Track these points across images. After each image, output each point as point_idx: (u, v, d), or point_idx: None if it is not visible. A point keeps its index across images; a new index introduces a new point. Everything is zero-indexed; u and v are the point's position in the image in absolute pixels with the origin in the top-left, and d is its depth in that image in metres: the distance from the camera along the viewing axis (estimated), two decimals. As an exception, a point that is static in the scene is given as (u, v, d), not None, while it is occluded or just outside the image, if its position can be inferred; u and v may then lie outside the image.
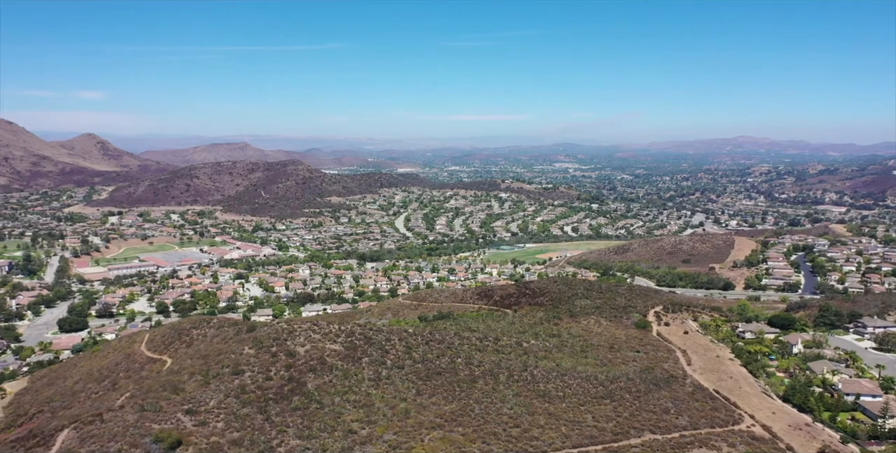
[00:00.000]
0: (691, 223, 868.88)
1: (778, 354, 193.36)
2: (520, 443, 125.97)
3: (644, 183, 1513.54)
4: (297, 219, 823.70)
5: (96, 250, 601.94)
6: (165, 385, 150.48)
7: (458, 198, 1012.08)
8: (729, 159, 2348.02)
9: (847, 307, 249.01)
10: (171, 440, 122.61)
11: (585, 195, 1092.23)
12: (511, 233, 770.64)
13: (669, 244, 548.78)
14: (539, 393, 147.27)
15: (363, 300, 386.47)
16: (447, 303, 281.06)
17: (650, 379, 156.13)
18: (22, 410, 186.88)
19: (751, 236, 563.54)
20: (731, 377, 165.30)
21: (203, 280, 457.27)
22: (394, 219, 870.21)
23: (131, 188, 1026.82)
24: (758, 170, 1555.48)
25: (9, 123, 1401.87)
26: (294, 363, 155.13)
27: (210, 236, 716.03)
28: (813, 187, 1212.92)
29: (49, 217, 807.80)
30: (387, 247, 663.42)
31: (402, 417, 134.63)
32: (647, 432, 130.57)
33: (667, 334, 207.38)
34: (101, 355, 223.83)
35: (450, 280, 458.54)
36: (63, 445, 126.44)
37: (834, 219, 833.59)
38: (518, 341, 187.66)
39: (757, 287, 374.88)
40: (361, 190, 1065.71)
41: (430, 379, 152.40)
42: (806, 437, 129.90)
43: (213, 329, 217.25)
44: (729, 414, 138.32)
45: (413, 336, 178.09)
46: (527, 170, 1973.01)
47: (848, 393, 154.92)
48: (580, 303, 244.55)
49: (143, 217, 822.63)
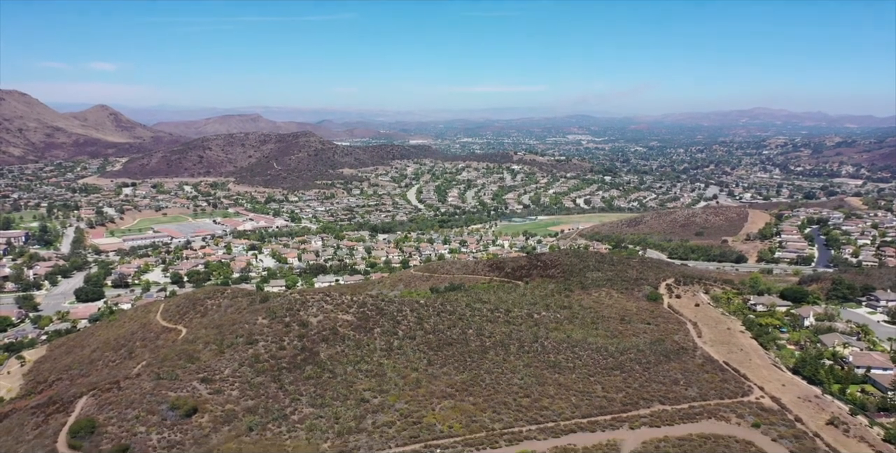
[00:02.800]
0: (705, 196, 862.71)
1: (789, 327, 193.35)
2: (530, 413, 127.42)
3: (658, 155, 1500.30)
4: (310, 191, 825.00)
5: (111, 221, 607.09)
6: (181, 354, 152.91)
7: (471, 170, 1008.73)
8: (745, 131, 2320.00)
9: (860, 280, 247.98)
10: (187, 407, 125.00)
11: (598, 167, 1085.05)
12: (523, 206, 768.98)
13: (682, 217, 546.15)
14: (549, 364, 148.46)
15: (375, 271, 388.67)
16: (458, 275, 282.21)
17: (660, 351, 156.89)
18: (41, 377, 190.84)
19: (765, 209, 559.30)
20: (742, 349, 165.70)
21: (216, 251, 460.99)
22: (406, 191, 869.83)
23: (144, 160, 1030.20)
24: (773, 143, 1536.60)
25: (22, 95, 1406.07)
26: (307, 333, 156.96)
27: (223, 207, 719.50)
28: (829, 160, 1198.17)
29: (64, 188, 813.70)
30: (399, 218, 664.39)
31: (413, 387, 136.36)
32: (657, 403, 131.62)
33: (678, 306, 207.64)
34: (118, 324, 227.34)
35: (461, 252, 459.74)
36: (82, 412, 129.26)
37: (850, 191, 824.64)
38: (529, 313, 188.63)
39: (770, 260, 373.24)
40: (373, 162, 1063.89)
41: (441, 349, 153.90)
42: (815, 409, 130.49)
43: (227, 299, 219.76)
44: (738, 386, 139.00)
45: (424, 307, 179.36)
46: (539, 142, 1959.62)
47: (858, 366, 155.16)
48: (591, 275, 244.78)
49: (157, 188, 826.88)
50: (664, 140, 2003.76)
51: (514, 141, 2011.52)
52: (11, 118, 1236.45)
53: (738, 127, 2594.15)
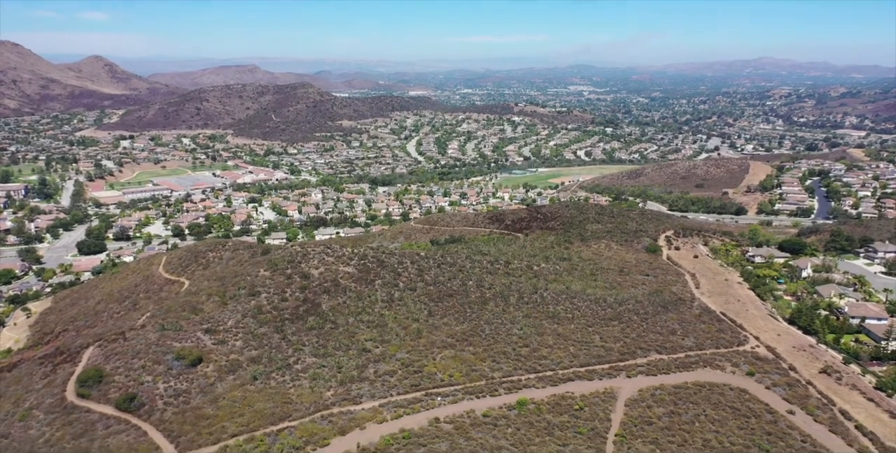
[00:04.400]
0: (706, 147, 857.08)
1: (787, 278, 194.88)
2: (528, 362, 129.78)
3: (660, 106, 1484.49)
4: (309, 143, 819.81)
5: (110, 174, 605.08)
6: (184, 305, 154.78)
7: (471, 122, 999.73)
8: (749, 82, 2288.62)
9: (859, 232, 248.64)
10: (192, 357, 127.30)
11: (599, 119, 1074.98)
12: (523, 158, 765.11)
13: (683, 169, 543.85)
14: (548, 314, 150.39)
15: (375, 224, 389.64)
16: (459, 227, 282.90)
17: (658, 302, 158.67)
18: (48, 329, 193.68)
19: (766, 161, 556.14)
20: (739, 300, 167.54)
21: (217, 204, 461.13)
22: (405, 144, 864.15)
23: (141, 112, 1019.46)
24: (777, 93, 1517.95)
25: (15, 45, 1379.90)
26: (308, 285, 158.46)
27: (222, 160, 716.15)
28: (833, 110, 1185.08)
29: (61, 141, 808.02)
30: (398, 171, 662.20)
31: (414, 337, 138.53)
32: (654, 352, 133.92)
33: (677, 258, 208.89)
34: (121, 277, 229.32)
35: (461, 204, 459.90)
36: (89, 362, 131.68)
37: (853, 143, 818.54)
38: (529, 264, 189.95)
39: (769, 212, 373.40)
40: (373, 113, 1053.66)
41: (441, 300, 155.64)
42: (809, 358, 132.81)
43: (229, 251, 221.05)
44: (734, 336, 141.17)
45: (425, 259, 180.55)
46: (540, 93, 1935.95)
47: (854, 317, 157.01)
48: (591, 227, 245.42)
49: (155, 141, 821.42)
50: (667, 91, 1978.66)
51: (514, 92, 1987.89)
52: (5, 69, 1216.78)
53: (742, 77, 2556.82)
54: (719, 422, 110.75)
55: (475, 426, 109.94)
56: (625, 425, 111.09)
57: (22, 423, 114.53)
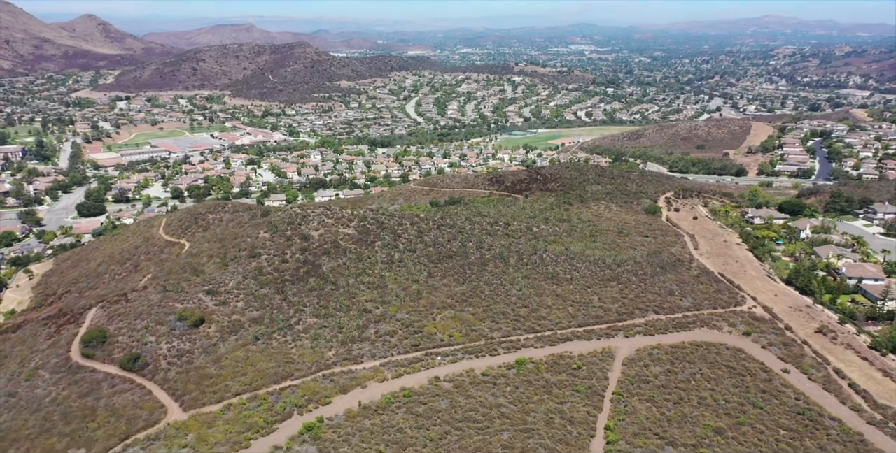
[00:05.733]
0: (708, 108, 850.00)
1: (785, 239, 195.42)
2: (527, 323, 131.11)
3: (662, 66, 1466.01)
4: (307, 104, 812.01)
5: (107, 136, 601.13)
6: (185, 267, 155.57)
7: (470, 82, 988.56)
8: (752, 40, 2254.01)
9: (859, 193, 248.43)
10: (194, 318, 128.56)
11: (601, 79, 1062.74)
12: (523, 119, 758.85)
13: (684, 129, 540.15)
14: (547, 275, 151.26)
15: (375, 185, 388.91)
16: (458, 189, 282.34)
17: (657, 263, 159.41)
18: (50, 290, 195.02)
19: (768, 121, 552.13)
20: (737, 261, 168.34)
21: (215, 165, 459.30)
22: (404, 104, 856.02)
23: (137, 72, 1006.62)
24: (781, 53, 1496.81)
25: (6, 4, 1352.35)
26: (309, 246, 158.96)
27: (220, 122, 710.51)
28: (837, 70, 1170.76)
29: (57, 102, 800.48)
30: (398, 132, 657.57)
31: (414, 298, 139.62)
32: (651, 312, 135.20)
33: (676, 219, 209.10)
34: (122, 239, 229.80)
35: (461, 165, 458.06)
36: (92, 322, 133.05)
37: (856, 103, 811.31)
38: (528, 226, 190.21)
39: (770, 173, 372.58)
40: (371, 73, 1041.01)
41: (441, 262, 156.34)
42: (805, 318, 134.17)
43: (229, 213, 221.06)
44: (732, 296, 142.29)
45: (425, 220, 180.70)
46: (541, 52, 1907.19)
47: (851, 277, 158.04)
48: (591, 188, 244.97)
49: (152, 102, 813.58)
50: (669, 50, 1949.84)
51: (515, 51, 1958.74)
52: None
53: (745, 36, 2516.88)
54: (715, 381, 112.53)
55: (474, 384, 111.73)
56: (622, 383, 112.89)
57: (28, 383, 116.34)
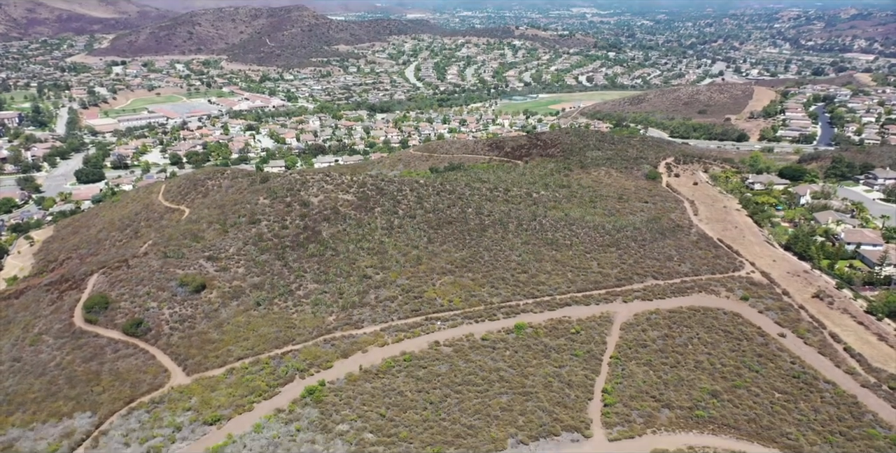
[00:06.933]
0: (711, 72, 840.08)
1: (785, 205, 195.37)
2: (527, 288, 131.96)
3: (665, 29, 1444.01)
4: (305, 69, 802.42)
5: (104, 101, 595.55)
6: (185, 233, 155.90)
7: (470, 47, 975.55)
8: (757, 3, 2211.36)
9: (861, 158, 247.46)
10: (195, 284, 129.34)
11: (602, 42, 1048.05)
12: (524, 83, 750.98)
13: (686, 94, 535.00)
14: (547, 241, 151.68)
15: (374, 151, 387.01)
16: (458, 155, 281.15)
17: (656, 229, 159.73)
18: (51, 257, 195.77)
19: (771, 86, 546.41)
20: (737, 227, 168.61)
21: (214, 131, 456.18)
22: (403, 69, 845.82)
23: (132, 36, 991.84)
24: (786, 15, 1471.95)
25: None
26: (308, 212, 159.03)
27: (217, 87, 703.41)
28: (843, 33, 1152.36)
29: (52, 67, 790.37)
30: (397, 97, 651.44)
31: (414, 263, 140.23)
32: (650, 278, 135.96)
33: (676, 185, 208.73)
34: (121, 205, 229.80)
35: (461, 131, 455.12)
36: (94, 288, 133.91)
37: (860, 67, 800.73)
38: (528, 192, 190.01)
39: (771, 138, 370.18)
40: (370, 37, 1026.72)
41: (440, 228, 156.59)
42: (802, 283, 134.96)
43: (228, 180, 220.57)
44: (730, 262, 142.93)
45: (424, 186, 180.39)
46: (542, 15, 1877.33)
47: (849, 243, 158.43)
48: (591, 154, 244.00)
49: (148, 67, 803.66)
50: (672, 12, 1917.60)
51: (515, 14, 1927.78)
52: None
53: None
54: (712, 345, 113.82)
55: (474, 349, 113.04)
56: (620, 348, 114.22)
57: (33, 348, 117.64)
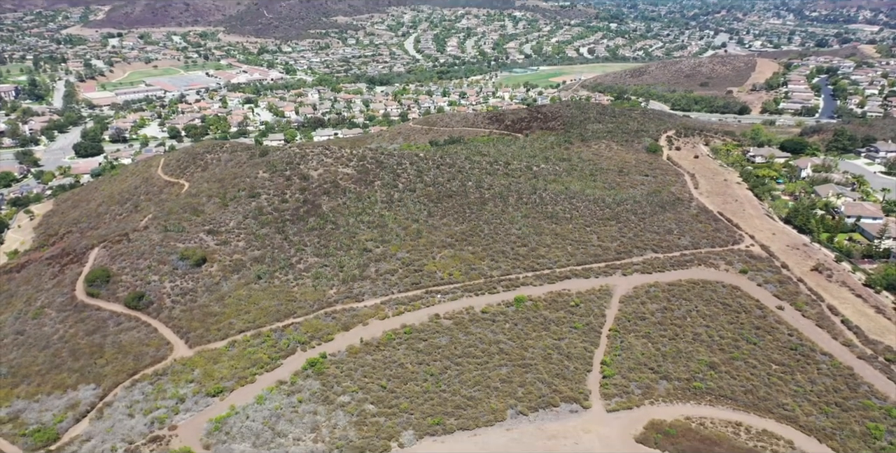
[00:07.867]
0: (713, 44, 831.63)
1: (786, 178, 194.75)
2: (527, 261, 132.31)
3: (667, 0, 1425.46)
4: (303, 41, 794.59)
5: (101, 74, 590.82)
6: (185, 207, 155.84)
7: (470, 18, 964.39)
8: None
9: (863, 131, 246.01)
10: (196, 257, 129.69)
11: (604, 14, 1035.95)
12: (524, 56, 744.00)
13: (688, 66, 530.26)
14: (547, 214, 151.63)
15: (374, 124, 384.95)
16: (458, 128, 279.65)
17: (656, 202, 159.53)
18: (52, 231, 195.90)
19: (774, 58, 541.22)
20: (737, 200, 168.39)
21: (212, 105, 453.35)
22: (403, 41, 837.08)
23: (128, 7, 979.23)
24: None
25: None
26: (308, 186, 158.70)
27: (215, 59, 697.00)
28: (847, 4, 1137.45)
29: (48, 39, 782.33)
30: (396, 70, 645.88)
31: (414, 237, 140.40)
32: (650, 251, 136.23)
33: (677, 158, 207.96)
34: (121, 179, 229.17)
35: (461, 104, 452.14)
36: (95, 262, 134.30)
37: (865, 39, 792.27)
38: (528, 165, 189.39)
39: (773, 111, 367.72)
40: (368, 9, 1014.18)
41: (440, 201, 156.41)
42: (801, 256, 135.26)
43: (227, 153, 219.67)
44: (730, 235, 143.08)
45: (424, 160, 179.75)
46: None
47: (849, 216, 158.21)
48: (592, 127, 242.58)
49: (144, 39, 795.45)
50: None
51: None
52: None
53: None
54: (710, 317, 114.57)
55: (474, 321, 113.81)
56: (619, 320, 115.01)
57: (35, 321, 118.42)
